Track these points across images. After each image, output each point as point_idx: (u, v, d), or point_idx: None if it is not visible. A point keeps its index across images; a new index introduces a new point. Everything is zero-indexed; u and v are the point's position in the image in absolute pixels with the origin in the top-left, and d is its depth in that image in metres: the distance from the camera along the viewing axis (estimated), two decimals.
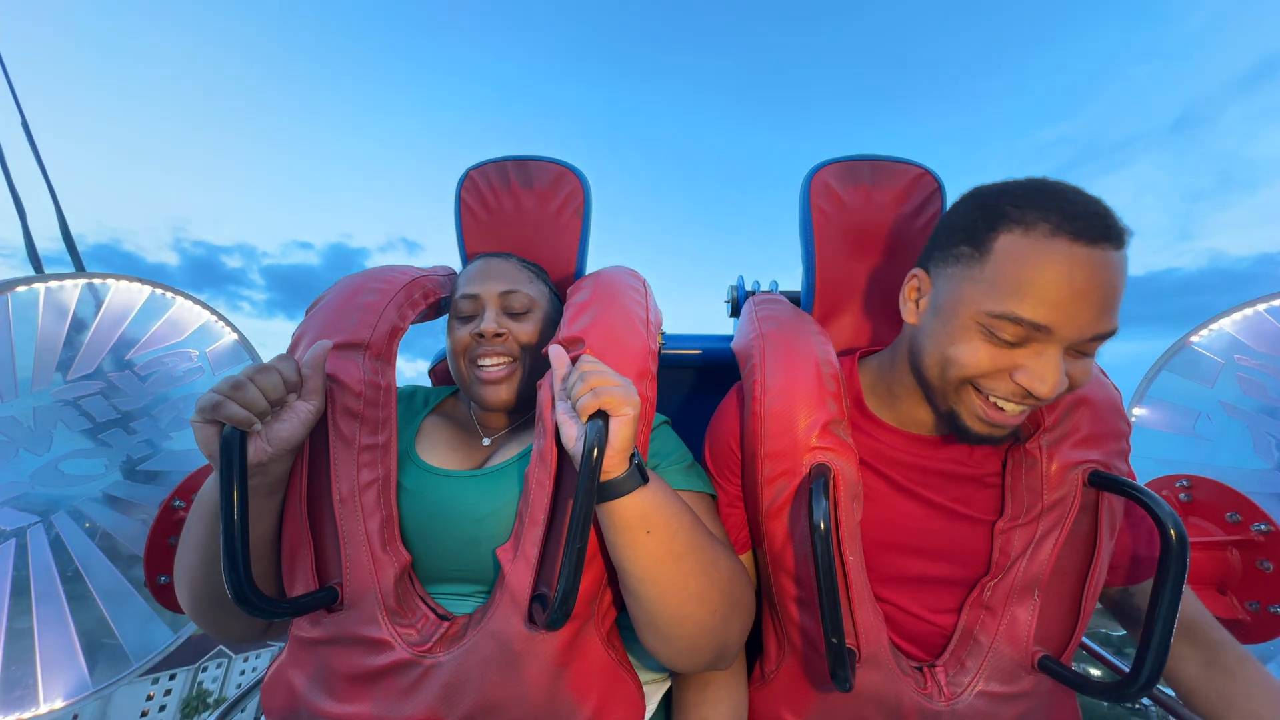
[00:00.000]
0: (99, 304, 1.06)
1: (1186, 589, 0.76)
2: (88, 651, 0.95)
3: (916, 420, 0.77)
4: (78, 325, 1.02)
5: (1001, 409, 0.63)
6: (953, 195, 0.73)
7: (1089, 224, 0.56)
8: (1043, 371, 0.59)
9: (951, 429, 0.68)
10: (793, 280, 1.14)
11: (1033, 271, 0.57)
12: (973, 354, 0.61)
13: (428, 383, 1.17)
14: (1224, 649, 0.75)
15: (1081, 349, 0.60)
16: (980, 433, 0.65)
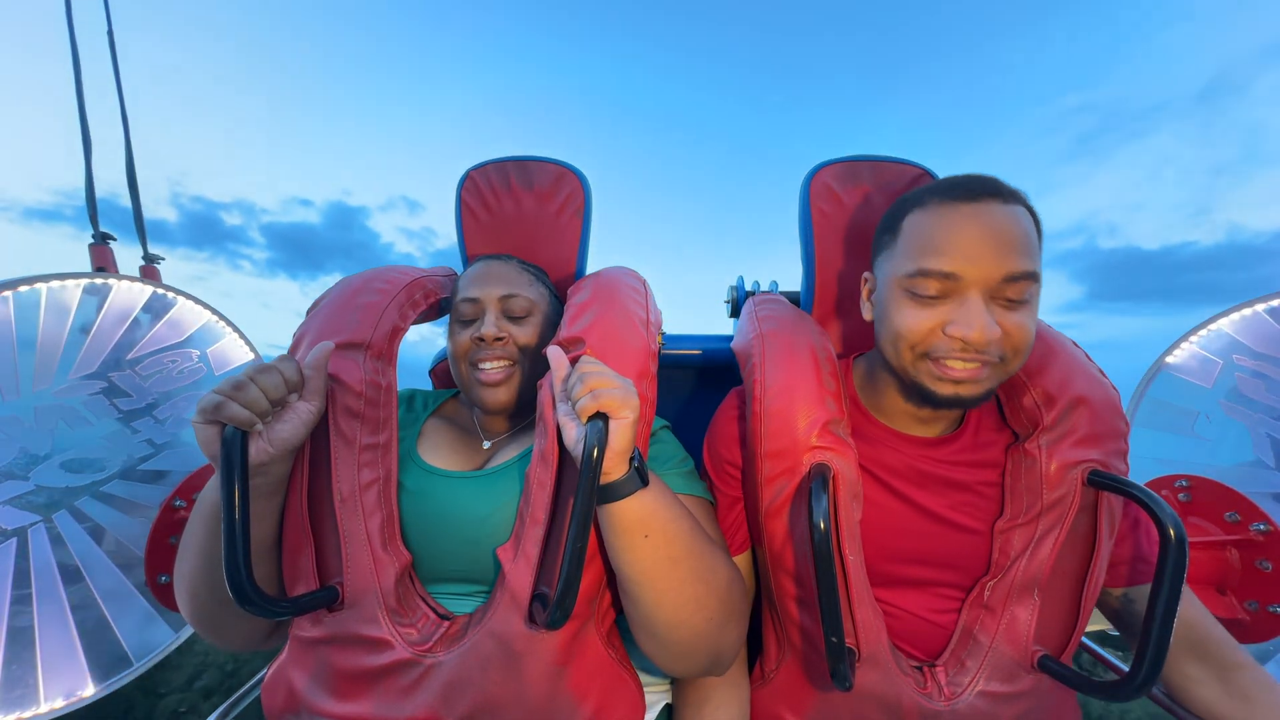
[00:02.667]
0: (101, 304, 1.06)
1: (1197, 603, 0.76)
2: (88, 651, 0.96)
3: (905, 415, 0.77)
4: (79, 325, 1.03)
5: (953, 367, 0.67)
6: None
7: (969, 186, 0.66)
8: (968, 318, 0.64)
9: (924, 401, 0.71)
10: (793, 280, 1.15)
11: (932, 232, 0.66)
12: (906, 318, 0.67)
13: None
14: (1240, 671, 0.72)
15: (1003, 295, 0.65)
16: (946, 394, 0.68)
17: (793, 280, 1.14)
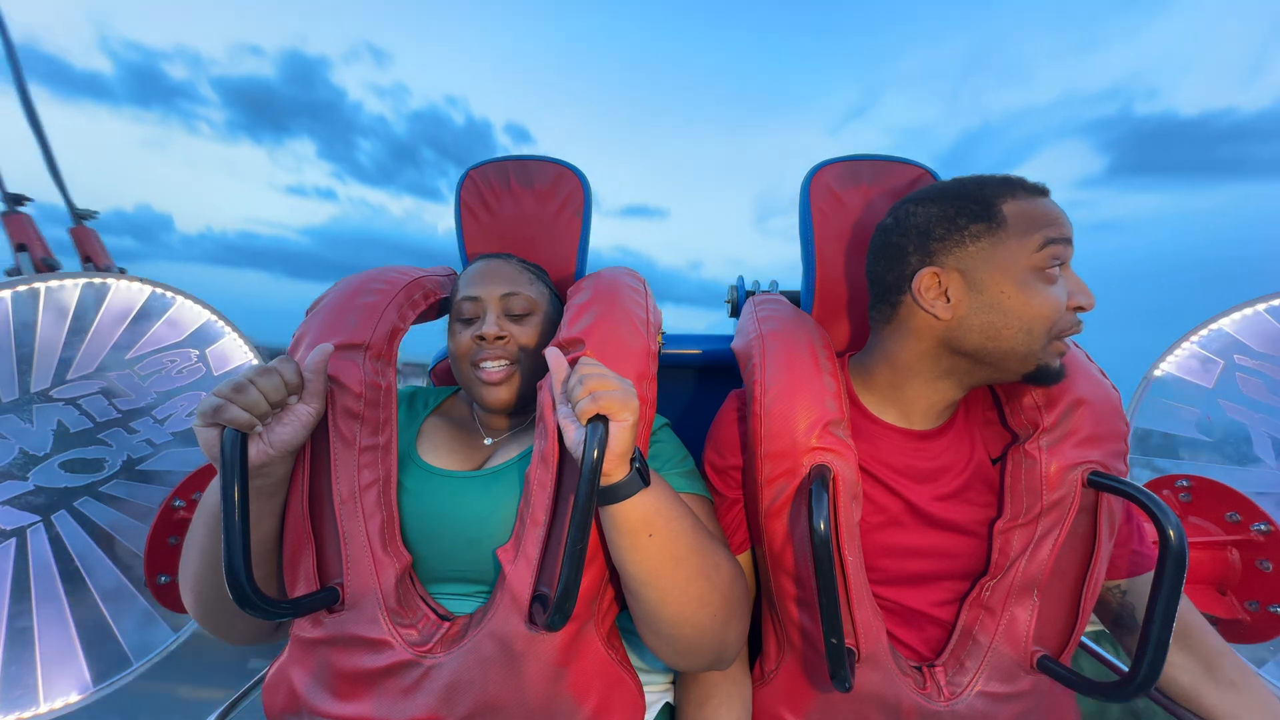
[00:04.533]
0: (99, 304, 1.06)
1: (1183, 595, 0.76)
2: (88, 651, 0.96)
3: (921, 409, 0.78)
4: (78, 325, 1.03)
5: (1067, 342, 0.72)
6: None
7: (1037, 186, 0.73)
8: (1080, 284, 0.70)
9: (1036, 380, 0.73)
10: (793, 280, 1.15)
11: (1042, 213, 0.70)
12: (1047, 300, 0.69)
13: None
14: (1223, 659, 0.74)
15: None
16: (1059, 367, 0.71)
17: (793, 280, 1.14)
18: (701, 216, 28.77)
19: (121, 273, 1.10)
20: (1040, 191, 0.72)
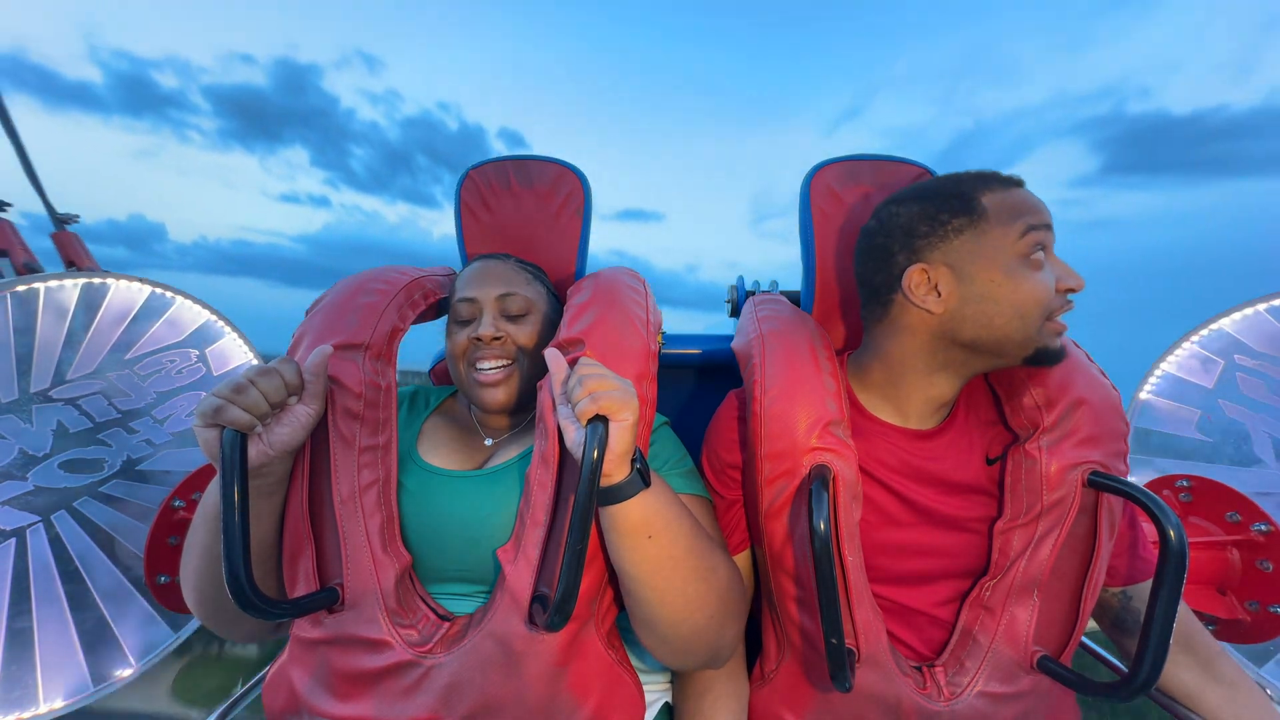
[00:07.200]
0: (99, 304, 1.06)
1: None
2: (88, 651, 0.96)
3: (918, 405, 0.78)
4: (78, 325, 1.02)
5: (1061, 322, 0.72)
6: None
7: (1011, 178, 0.74)
8: (1067, 268, 0.72)
9: (1037, 361, 0.73)
10: (793, 280, 1.15)
11: (1020, 202, 0.71)
12: (1034, 284, 0.69)
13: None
14: (1220, 658, 0.76)
15: None
16: (1059, 347, 0.72)
17: (793, 280, 1.14)
18: (698, 219, 29.04)
19: (106, 274, 1.09)
20: (1015, 183, 0.74)
